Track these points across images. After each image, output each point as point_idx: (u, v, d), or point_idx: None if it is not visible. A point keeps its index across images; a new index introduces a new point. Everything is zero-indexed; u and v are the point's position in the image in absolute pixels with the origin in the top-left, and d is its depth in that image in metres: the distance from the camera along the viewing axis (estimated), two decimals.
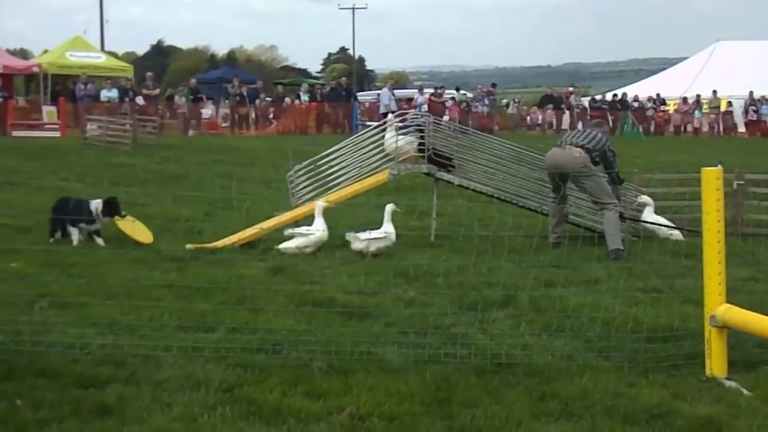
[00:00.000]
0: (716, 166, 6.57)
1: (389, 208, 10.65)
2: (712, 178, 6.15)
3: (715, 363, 6.11)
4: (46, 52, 48.55)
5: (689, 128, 45.18)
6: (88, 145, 25.30)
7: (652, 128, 44.20)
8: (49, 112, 35.92)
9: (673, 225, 11.58)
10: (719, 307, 6.05)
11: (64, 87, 39.00)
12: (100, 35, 62.08)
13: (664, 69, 63.72)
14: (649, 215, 11.53)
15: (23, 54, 67.37)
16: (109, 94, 35.47)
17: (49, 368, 5.97)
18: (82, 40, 44.96)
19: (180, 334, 6.75)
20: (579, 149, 10.85)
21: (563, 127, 40.37)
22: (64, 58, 41.18)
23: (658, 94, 46.77)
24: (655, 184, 12.77)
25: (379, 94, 36.50)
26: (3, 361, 6.06)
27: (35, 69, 40.44)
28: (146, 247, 10.46)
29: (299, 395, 5.63)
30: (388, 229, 10.51)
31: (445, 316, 7.40)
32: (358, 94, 48.17)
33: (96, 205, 10.73)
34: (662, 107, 46.35)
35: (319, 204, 10.81)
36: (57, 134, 32.34)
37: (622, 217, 11.03)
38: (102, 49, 52.06)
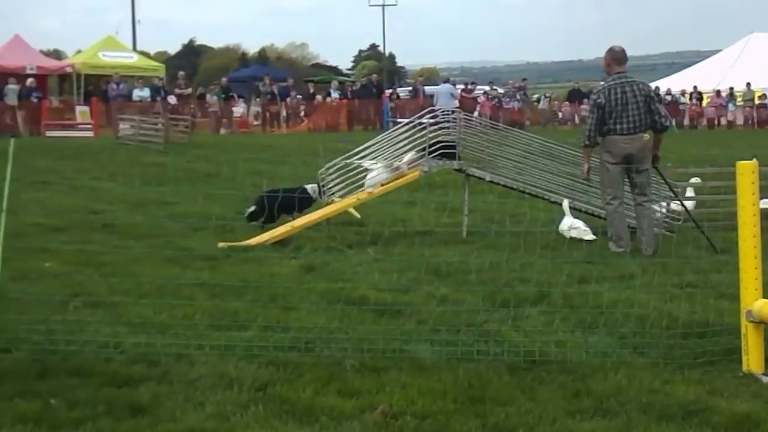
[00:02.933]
0: (751, 159, 6.49)
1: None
2: (747, 172, 6.08)
3: (752, 359, 6.04)
4: (79, 52, 49.00)
5: (723, 121, 44.81)
6: (120, 145, 25.48)
7: (685, 122, 43.87)
8: (82, 112, 36.23)
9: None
10: (756, 303, 5.98)
11: (97, 87, 39.37)
12: (132, 35, 62.46)
13: (697, 62, 63.18)
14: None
15: (57, 55, 67.93)
16: (141, 93, 35.70)
17: (82, 367, 6.00)
18: (114, 41, 45.34)
19: (213, 332, 6.76)
20: (645, 134, 10.46)
21: None
22: (97, 58, 41.54)
23: (695, 87, 46.34)
24: (689, 177, 12.65)
25: (436, 90, 36.09)
26: (37, 360, 6.09)
27: (68, 69, 40.83)
28: (178, 245, 10.49)
29: (332, 393, 5.62)
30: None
31: (478, 313, 7.36)
32: (398, 89, 48.02)
33: (313, 188, 11.74)
34: (696, 101, 45.98)
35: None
36: (90, 134, 32.63)
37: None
38: (134, 48, 52.41)
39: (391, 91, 46.46)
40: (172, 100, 35.95)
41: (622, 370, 6.02)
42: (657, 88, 44.69)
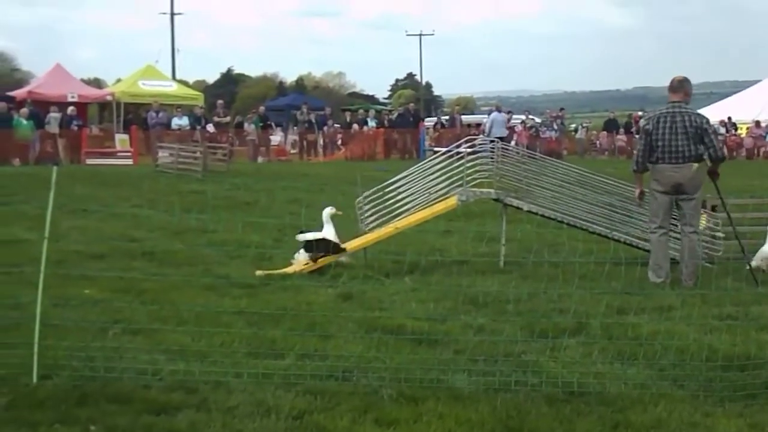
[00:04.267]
0: None
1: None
2: None
3: None
4: (119, 81, 49.55)
5: (761, 152, 44.45)
6: (159, 172, 25.66)
7: (724, 152, 43.57)
8: (121, 140, 36.59)
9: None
10: None
11: (137, 115, 39.73)
12: (172, 64, 63.44)
13: (736, 92, 62.78)
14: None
15: (97, 83, 68.69)
16: (179, 122, 35.95)
17: (121, 394, 6.03)
18: (153, 69, 45.83)
19: (250, 360, 6.77)
20: (695, 164, 10.40)
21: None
22: (137, 87, 41.99)
23: (729, 118, 46.12)
24: (729, 209, 12.54)
25: (490, 118, 35.93)
26: (77, 386, 6.14)
27: (108, 98, 41.32)
28: (216, 273, 10.55)
29: (369, 423, 5.61)
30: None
31: (516, 343, 7.33)
32: (427, 120, 48.14)
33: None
34: (734, 131, 45.70)
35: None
36: (129, 162, 32.91)
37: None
38: (173, 77, 52.97)
39: (435, 120, 46.48)
40: (210, 128, 36.19)
41: (661, 403, 5.97)
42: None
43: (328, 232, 11.10)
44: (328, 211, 11.28)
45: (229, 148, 32.04)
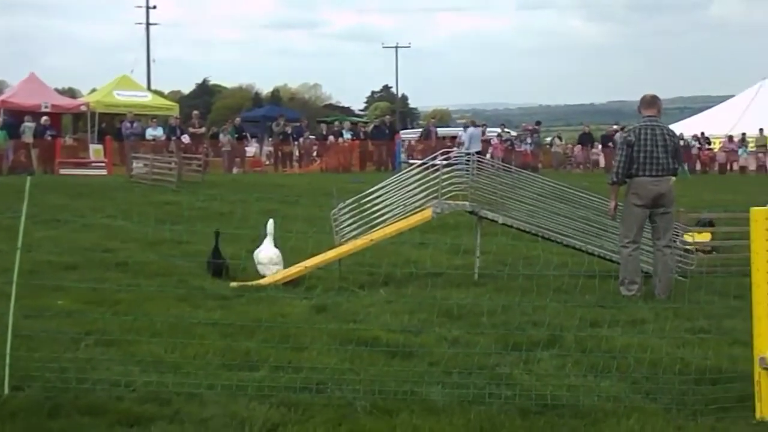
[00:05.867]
0: (765, 205, 6.49)
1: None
2: (761, 218, 6.08)
3: (765, 406, 6.01)
4: (93, 91, 49.34)
5: (735, 167, 44.78)
6: (134, 183, 25.56)
7: (697, 167, 43.86)
8: (96, 150, 36.38)
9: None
10: None
11: (111, 125, 39.50)
12: (147, 74, 63.17)
13: (709, 107, 63.28)
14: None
15: (71, 93, 68.39)
16: (154, 132, 35.81)
17: (94, 405, 6.00)
18: (129, 80, 45.61)
19: (224, 372, 6.76)
20: (672, 177, 10.62)
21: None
22: (112, 97, 41.77)
23: (702, 133, 46.49)
24: (702, 222, 12.64)
25: (469, 133, 35.93)
26: (49, 398, 6.09)
27: (83, 108, 41.06)
28: (190, 284, 10.52)
29: None
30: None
31: (490, 356, 7.35)
32: (402, 132, 48.19)
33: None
34: (707, 146, 46.05)
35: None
36: (104, 172, 32.75)
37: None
38: (148, 88, 52.75)
39: (410, 132, 46.52)
40: (185, 139, 36.07)
41: (634, 416, 5.99)
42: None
43: (268, 245, 11.26)
44: (271, 224, 11.35)
45: (204, 159, 31.92)
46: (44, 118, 35.52)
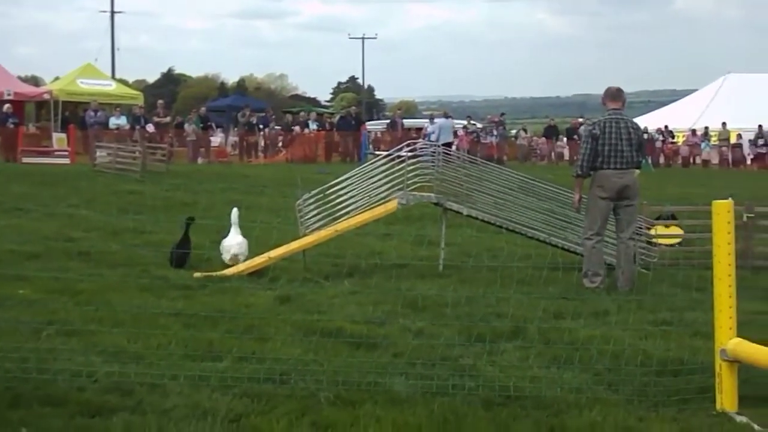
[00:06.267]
0: (727, 198, 6.54)
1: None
2: (722, 211, 6.12)
3: (726, 397, 6.06)
4: (57, 79, 48.89)
5: (697, 160, 45.16)
6: (97, 172, 25.37)
7: (661, 160, 44.18)
8: (59, 139, 36.08)
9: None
10: (730, 341, 6.01)
11: (75, 114, 39.16)
12: (111, 63, 62.70)
13: (673, 101, 63.76)
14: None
15: (34, 81, 67.64)
16: (117, 121, 35.58)
17: (55, 396, 5.94)
18: (93, 68, 45.23)
19: (187, 362, 6.72)
20: (636, 170, 10.70)
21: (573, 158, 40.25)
22: (75, 86, 41.39)
23: (666, 126, 46.86)
24: (664, 215, 12.73)
25: (434, 123, 35.81)
26: (9, 388, 6.04)
27: (46, 96, 40.64)
28: (153, 274, 10.46)
29: (306, 426, 5.60)
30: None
31: (454, 347, 7.37)
32: (368, 123, 48.14)
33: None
34: (671, 139, 46.41)
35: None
36: (67, 161, 32.45)
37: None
38: (113, 76, 52.37)
39: (376, 123, 46.46)
40: (150, 128, 35.84)
41: (596, 407, 6.03)
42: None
43: (234, 235, 11.21)
44: (235, 213, 11.30)
45: (169, 148, 31.74)
46: (6, 105, 35.19)
